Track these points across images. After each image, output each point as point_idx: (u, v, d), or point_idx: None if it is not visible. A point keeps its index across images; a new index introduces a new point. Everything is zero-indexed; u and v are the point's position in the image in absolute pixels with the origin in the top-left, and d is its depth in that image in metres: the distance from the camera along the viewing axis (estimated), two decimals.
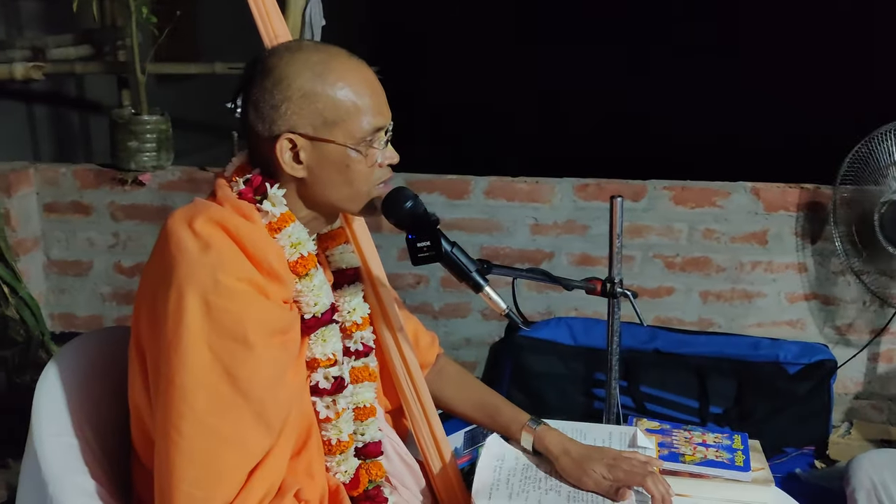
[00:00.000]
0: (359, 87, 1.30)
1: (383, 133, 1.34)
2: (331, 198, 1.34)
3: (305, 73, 1.28)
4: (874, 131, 2.97)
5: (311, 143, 1.29)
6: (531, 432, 1.55)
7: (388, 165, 1.38)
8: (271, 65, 1.29)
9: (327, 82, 1.28)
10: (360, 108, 1.30)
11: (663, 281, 3.41)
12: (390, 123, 1.36)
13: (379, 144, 1.33)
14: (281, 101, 1.27)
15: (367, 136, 1.31)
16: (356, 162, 1.31)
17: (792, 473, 2.98)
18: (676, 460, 1.57)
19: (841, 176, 3.09)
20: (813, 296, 3.34)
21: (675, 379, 3.17)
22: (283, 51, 1.32)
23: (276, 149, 1.29)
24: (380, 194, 1.37)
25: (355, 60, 1.34)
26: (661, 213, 3.36)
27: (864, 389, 3.39)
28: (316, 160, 1.30)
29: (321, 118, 1.28)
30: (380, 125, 1.32)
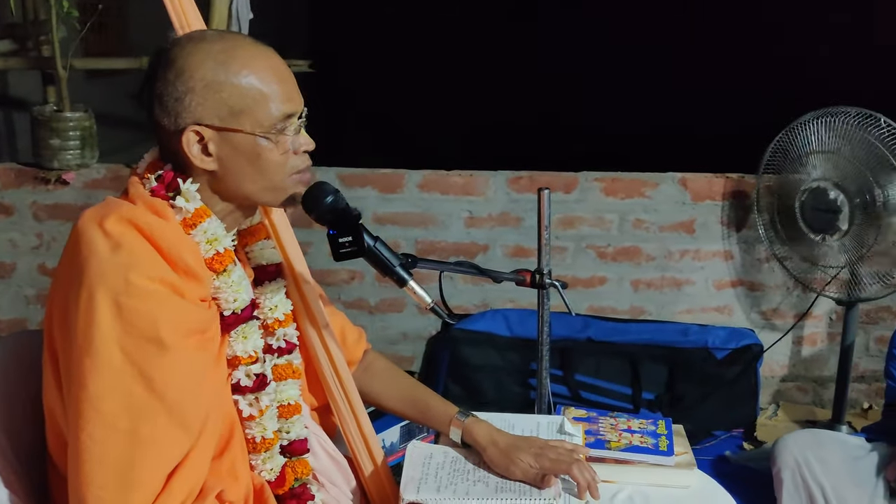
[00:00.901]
0: (264, 75, 1.28)
1: (294, 120, 1.31)
2: (245, 190, 1.31)
3: (208, 62, 1.25)
4: (794, 121, 3.05)
5: (219, 135, 1.26)
6: (459, 425, 1.56)
7: (306, 153, 1.35)
8: (173, 56, 1.26)
9: (231, 71, 1.26)
10: (266, 95, 1.27)
11: (596, 271, 3.46)
12: (303, 110, 1.33)
13: (290, 131, 1.30)
14: (184, 93, 1.24)
15: (276, 123, 1.28)
16: (267, 151, 1.28)
17: (721, 456, 3.06)
18: (602, 447, 1.60)
19: (764, 165, 3.18)
20: (739, 282, 3.43)
21: (609, 367, 3.23)
22: (185, 41, 1.29)
23: (182, 142, 1.26)
24: (299, 183, 1.34)
25: (261, 48, 1.31)
26: (592, 204, 3.41)
27: (789, 372, 3.50)
28: (225, 152, 1.27)
29: (227, 108, 1.25)
30: (289, 112, 1.30)
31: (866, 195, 2.84)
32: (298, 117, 1.32)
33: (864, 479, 2.50)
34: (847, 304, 3.08)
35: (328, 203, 1.37)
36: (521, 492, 1.45)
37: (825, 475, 2.49)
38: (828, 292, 3.10)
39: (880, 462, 2.54)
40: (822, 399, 3.44)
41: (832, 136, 2.92)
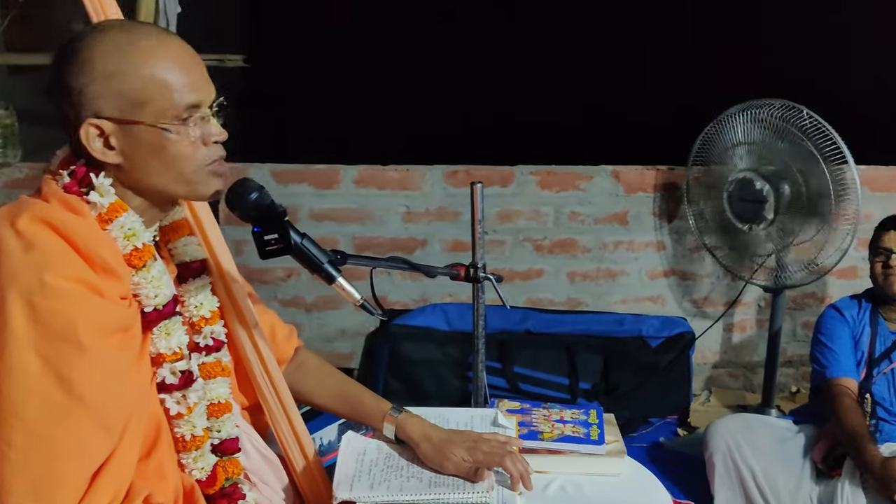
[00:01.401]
0: (168, 64, 1.23)
1: (203, 109, 1.27)
2: (154, 183, 1.27)
3: (111, 53, 1.21)
4: (722, 113, 3.13)
5: (120, 127, 1.22)
6: (393, 421, 1.55)
7: (219, 144, 1.30)
8: (77, 47, 1.21)
9: (133, 61, 1.21)
10: (170, 85, 1.23)
11: (533, 263, 3.50)
12: (213, 99, 1.29)
13: (196, 122, 1.26)
14: (86, 85, 1.20)
15: (180, 113, 1.24)
16: (173, 143, 1.24)
17: (656, 442, 3.12)
18: (535, 438, 1.61)
19: (693, 157, 3.25)
20: (671, 272, 3.51)
21: (547, 358, 3.26)
22: (89, 32, 1.24)
23: (81, 136, 1.21)
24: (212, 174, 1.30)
25: (167, 36, 1.27)
26: (528, 197, 3.44)
27: (720, 358, 3.59)
28: (128, 144, 1.23)
29: (127, 99, 1.21)
30: (194, 101, 1.25)
31: (791, 185, 2.93)
32: (210, 107, 1.28)
33: (791, 461, 2.58)
34: (774, 291, 3.17)
35: (252, 200, 1.34)
36: (455, 486, 1.45)
37: (755, 458, 2.57)
38: (756, 280, 3.19)
39: (807, 443, 2.62)
40: (753, 384, 3.55)
41: (757, 128, 3.00)
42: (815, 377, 2.74)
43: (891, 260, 2.57)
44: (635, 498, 1.52)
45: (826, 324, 2.73)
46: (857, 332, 2.68)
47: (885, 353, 2.62)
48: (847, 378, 2.61)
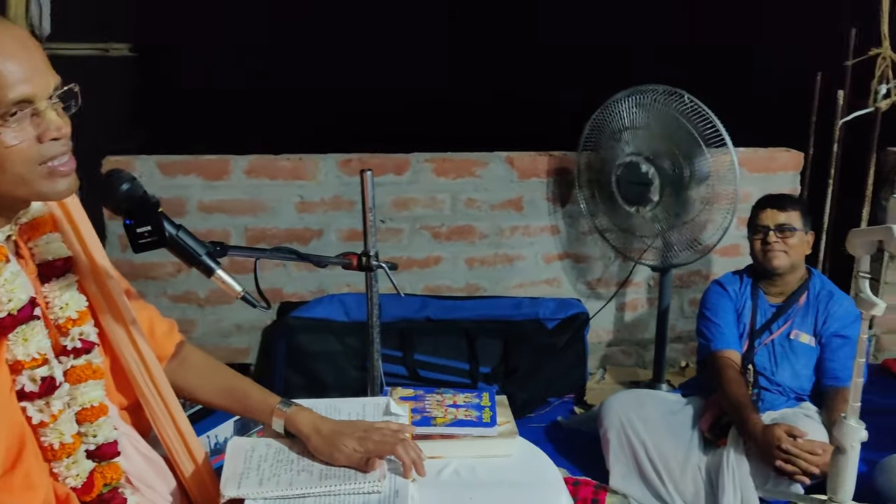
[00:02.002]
0: None
1: (40, 103, 1.18)
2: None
3: None
4: (609, 98, 3.20)
5: None
6: (282, 415, 1.52)
7: (60, 140, 1.21)
8: None
9: None
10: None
11: (431, 251, 3.50)
12: (54, 92, 1.21)
13: (26, 117, 1.17)
14: None
15: (10, 109, 1.16)
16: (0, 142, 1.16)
17: (554, 422, 3.19)
18: (428, 424, 1.61)
19: (583, 142, 3.32)
20: (566, 255, 3.58)
21: (447, 344, 3.28)
22: None
23: None
24: (52, 174, 1.22)
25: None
26: (424, 185, 3.44)
27: (614, 337, 3.70)
28: None
29: None
30: (24, 96, 1.16)
31: (674, 168, 3.03)
32: (50, 98, 1.20)
33: (681, 432, 2.68)
34: (662, 270, 3.28)
35: (124, 191, 1.28)
36: (346, 477, 1.43)
37: (646, 432, 2.66)
38: (645, 260, 3.29)
39: (695, 415, 2.74)
40: (645, 360, 3.66)
41: (642, 112, 3.09)
42: (701, 351, 2.85)
43: (768, 237, 2.70)
44: (527, 477, 1.54)
45: (710, 299, 2.85)
46: (740, 305, 2.80)
47: (765, 324, 2.75)
48: (731, 350, 2.73)
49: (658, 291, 3.35)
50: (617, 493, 2.63)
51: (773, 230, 2.68)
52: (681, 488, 2.57)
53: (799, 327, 2.72)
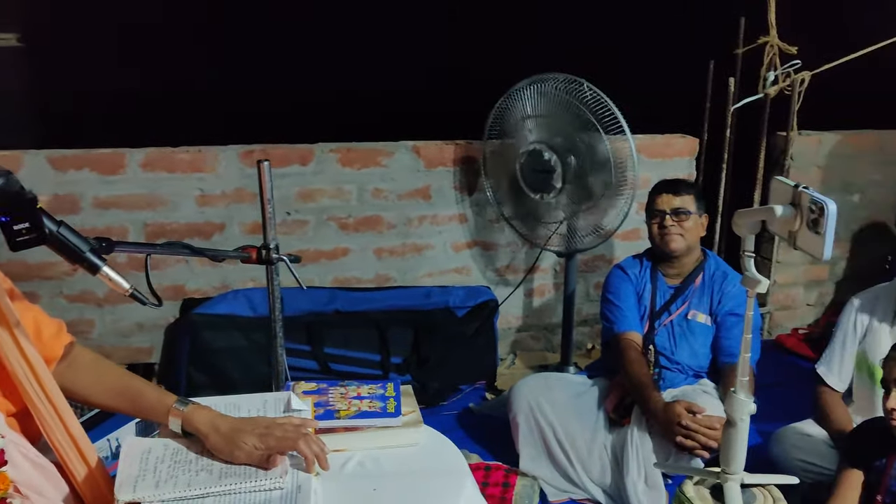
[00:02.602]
0: None
1: None
2: None
3: None
4: (512, 87, 3.22)
5: None
6: (178, 414, 1.48)
7: None
8: None
9: None
10: None
11: (339, 242, 3.47)
12: None
13: None
14: None
15: None
16: None
17: (466, 408, 3.22)
18: (332, 417, 1.60)
19: (488, 131, 3.34)
20: (474, 243, 3.60)
21: (357, 336, 3.26)
22: None
23: None
24: None
25: None
26: (330, 175, 3.40)
27: (523, 323, 3.75)
28: None
29: None
30: None
31: (575, 155, 3.08)
32: None
33: (587, 413, 2.75)
34: (567, 255, 3.34)
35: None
36: (247, 475, 1.40)
37: (554, 415, 2.71)
38: (550, 246, 3.34)
39: (600, 396, 2.80)
40: (553, 344, 3.73)
41: (544, 100, 3.13)
42: (605, 333, 2.92)
43: (664, 220, 2.77)
44: (432, 465, 1.55)
45: (612, 283, 2.92)
46: (640, 288, 2.88)
47: (664, 306, 2.84)
48: (633, 332, 2.80)
49: (564, 276, 3.41)
50: (527, 476, 2.67)
51: (669, 214, 2.76)
52: (588, 467, 2.63)
53: (696, 307, 2.82)
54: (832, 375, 2.61)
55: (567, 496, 2.63)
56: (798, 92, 3.61)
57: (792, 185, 1.52)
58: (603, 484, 2.61)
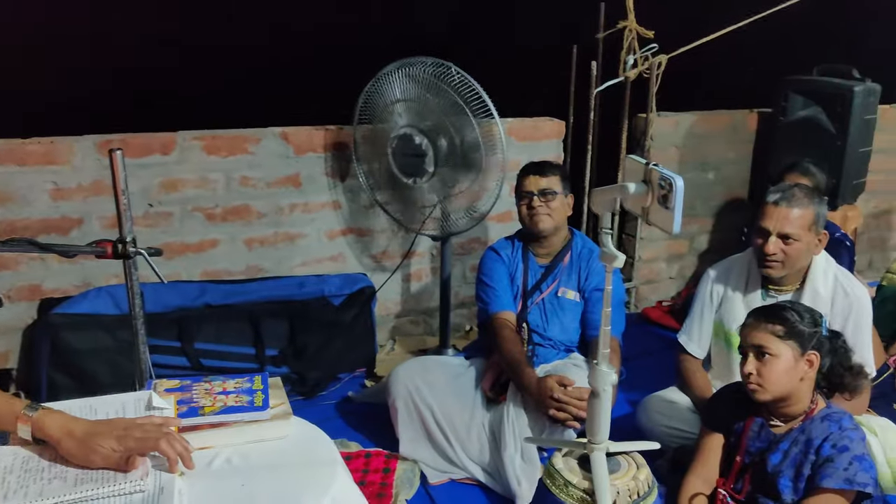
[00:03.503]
0: None
1: None
2: None
3: None
4: (380, 70, 3.20)
5: None
6: (27, 420, 1.39)
7: None
8: None
9: None
10: None
11: (206, 234, 3.35)
12: None
13: None
14: None
15: None
16: None
17: (346, 397, 3.19)
18: (196, 414, 1.55)
19: (358, 115, 3.31)
20: (349, 230, 3.57)
21: (230, 330, 3.17)
22: None
23: None
24: None
25: None
26: (194, 164, 3.28)
27: (402, 308, 3.75)
28: None
29: None
30: None
31: (446, 139, 3.10)
32: None
33: (465, 394, 2.78)
34: (442, 239, 3.36)
35: None
36: (104, 479, 1.34)
37: (433, 397, 2.73)
38: (425, 231, 3.35)
39: (477, 376, 2.85)
40: (432, 328, 3.76)
41: (413, 84, 3.12)
42: (481, 314, 2.97)
43: (532, 201, 2.84)
44: (303, 457, 1.53)
45: (486, 264, 2.97)
46: (513, 268, 2.94)
47: (536, 285, 2.91)
48: (507, 311, 2.86)
49: (440, 260, 3.43)
50: (407, 460, 2.68)
51: (537, 195, 2.83)
52: (466, 447, 2.67)
53: (565, 285, 2.90)
54: (692, 344, 2.76)
55: (447, 476, 2.66)
56: (656, 75, 3.77)
57: (643, 162, 1.58)
58: (482, 462, 2.66)
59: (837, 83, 3.81)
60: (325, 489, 1.41)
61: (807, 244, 2.52)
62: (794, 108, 3.91)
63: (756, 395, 2.04)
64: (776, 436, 2.07)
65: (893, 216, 4.81)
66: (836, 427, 1.99)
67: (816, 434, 1.99)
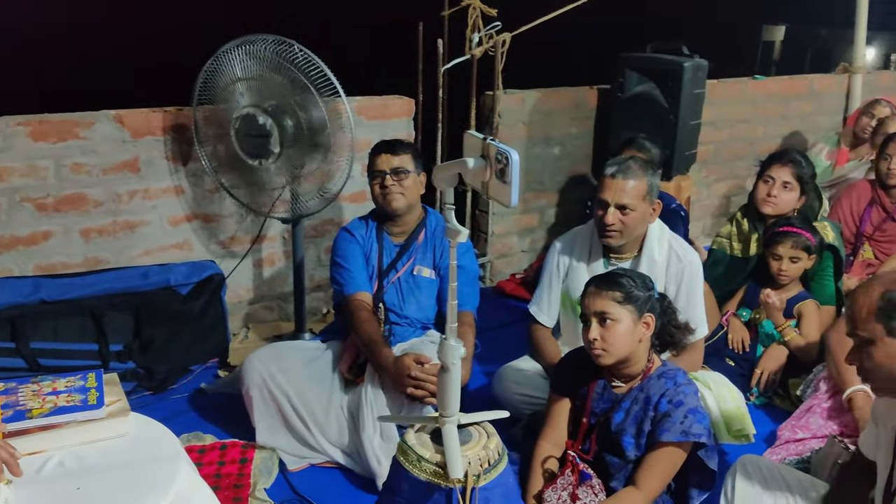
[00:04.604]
0: None
1: None
2: None
3: None
4: (220, 49, 3.07)
5: None
6: None
7: None
8: None
9: None
10: None
11: (37, 226, 3.13)
12: None
13: None
14: None
15: None
16: None
17: (198, 389, 3.08)
18: (23, 418, 1.44)
19: (197, 96, 3.17)
20: (194, 216, 3.43)
21: (69, 326, 2.99)
22: None
23: None
24: None
25: None
26: (20, 152, 3.04)
27: (255, 294, 3.66)
28: None
29: None
30: None
31: (292, 118, 3.03)
32: None
33: (322, 377, 2.75)
34: (293, 221, 3.29)
35: None
36: None
37: (288, 383, 2.68)
38: (275, 213, 3.27)
39: (334, 359, 2.82)
40: (288, 313, 3.68)
41: (254, 63, 3.02)
42: (336, 296, 2.93)
43: (385, 180, 2.82)
44: (143, 454, 1.46)
45: (340, 246, 2.93)
46: (367, 248, 2.92)
47: (391, 264, 2.90)
48: (362, 292, 2.83)
49: (292, 243, 3.36)
50: (265, 448, 2.63)
51: (389, 174, 2.81)
52: (326, 430, 2.65)
53: (420, 262, 2.91)
54: (542, 313, 2.85)
55: (307, 462, 2.63)
56: (500, 53, 3.83)
57: (481, 137, 1.60)
58: (341, 444, 2.64)
59: (669, 59, 4.02)
60: (167, 486, 1.36)
61: (642, 214, 2.65)
62: (630, 85, 4.09)
63: (601, 360, 2.13)
64: (618, 396, 2.17)
65: (722, 184, 5.16)
66: (672, 383, 2.11)
67: (654, 391, 2.11)
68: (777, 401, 3.10)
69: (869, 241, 3.80)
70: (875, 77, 5.86)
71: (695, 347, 2.70)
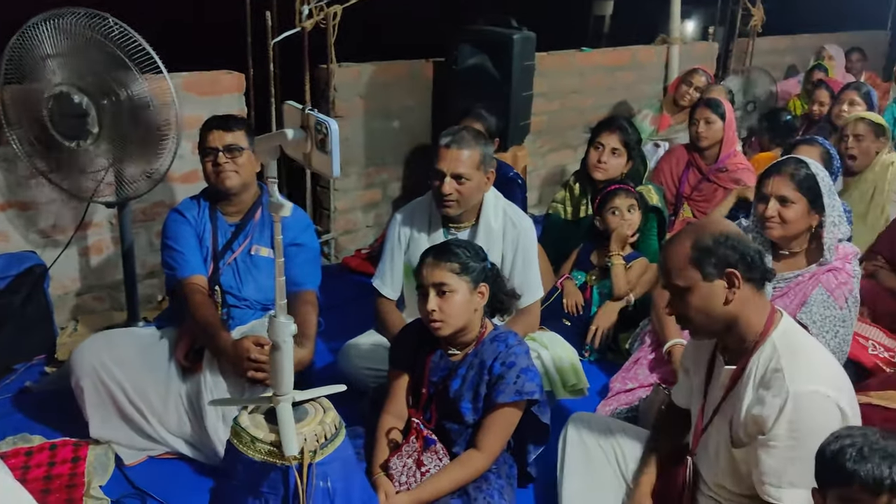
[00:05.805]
0: None
1: None
2: None
3: None
4: (26, 23, 2.84)
5: None
6: None
7: None
8: None
9: None
10: None
11: None
12: None
13: None
14: None
15: None
16: None
17: (23, 388, 2.89)
18: None
19: (3, 75, 2.92)
20: (8, 205, 3.18)
21: None
22: None
23: None
24: None
25: None
26: None
27: (82, 285, 3.45)
28: None
29: None
30: None
31: (111, 97, 2.85)
32: None
33: (158, 366, 2.64)
34: (119, 205, 3.12)
35: None
36: None
37: (123, 373, 2.56)
38: (99, 198, 3.09)
39: (171, 346, 2.71)
40: (120, 303, 3.49)
41: (65, 38, 2.82)
42: (169, 280, 2.81)
43: (218, 158, 2.71)
44: None
45: (170, 228, 2.80)
46: (200, 230, 2.81)
47: (226, 244, 2.81)
48: (197, 276, 2.73)
49: (120, 229, 3.18)
50: (100, 444, 2.51)
51: (222, 151, 2.71)
52: (165, 420, 2.56)
53: (258, 242, 2.84)
54: (386, 287, 2.86)
55: (145, 454, 2.53)
56: (333, 25, 3.78)
57: (300, 108, 1.57)
58: (182, 434, 2.56)
59: (499, 32, 4.10)
60: None
61: (477, 182, 2.71)
62: (463, 57, 4.15)
63: (439, 332, 2.16)
64: (454, 363, 2.22)
65: (555, 154, 5.35)
66: (504, 346, 2.18)
67: (488, 355, 2.17)
68: (610, 356, 3.28)
69: (688, 201, 4.07)
70: (691, 47, 6.25)
71: (531, 310, 2.80)
